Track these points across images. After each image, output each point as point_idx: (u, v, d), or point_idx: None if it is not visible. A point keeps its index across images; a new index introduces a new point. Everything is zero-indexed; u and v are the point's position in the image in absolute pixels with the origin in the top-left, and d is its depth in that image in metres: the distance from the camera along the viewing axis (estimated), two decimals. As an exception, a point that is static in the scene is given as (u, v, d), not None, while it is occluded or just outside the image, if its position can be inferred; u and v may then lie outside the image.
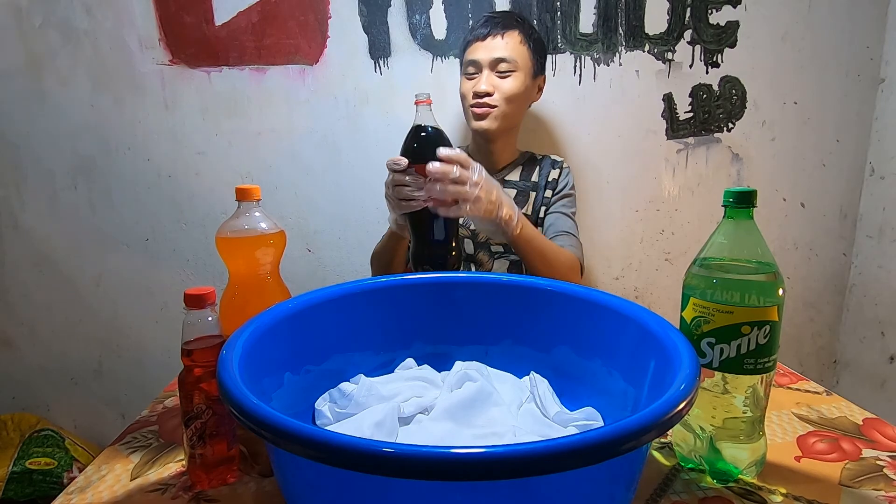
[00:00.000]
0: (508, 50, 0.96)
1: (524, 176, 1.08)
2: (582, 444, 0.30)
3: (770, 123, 1.32)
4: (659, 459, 0.54)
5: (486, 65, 0.97)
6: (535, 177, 1.07)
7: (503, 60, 0.96)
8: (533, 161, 1.10)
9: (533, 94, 1.05)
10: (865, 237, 1.39)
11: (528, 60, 0.99)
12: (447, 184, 0.71)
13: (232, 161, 1.28)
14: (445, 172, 0.70)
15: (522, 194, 1.06)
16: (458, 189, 0.71)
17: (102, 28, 1.20)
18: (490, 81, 0.97)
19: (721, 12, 1.25)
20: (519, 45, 0.97)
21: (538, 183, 1.06)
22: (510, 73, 0.97)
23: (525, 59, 0.98)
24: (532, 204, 1.06)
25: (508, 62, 0.96)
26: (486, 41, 0.97)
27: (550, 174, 1.07)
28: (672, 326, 0.47)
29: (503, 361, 0.61)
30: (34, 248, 1.30)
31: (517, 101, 1.00)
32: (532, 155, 1.11)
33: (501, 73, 0.97)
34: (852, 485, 0.49)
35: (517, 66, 0.97)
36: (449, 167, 0.71)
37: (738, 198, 0.47)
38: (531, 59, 0.99)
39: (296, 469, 0.37)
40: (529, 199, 1.06)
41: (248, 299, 0.57)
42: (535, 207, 1.06)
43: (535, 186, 1.06)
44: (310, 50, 1.23)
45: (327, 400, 0.54)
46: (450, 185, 0.71)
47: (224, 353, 0.42)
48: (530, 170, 1.08)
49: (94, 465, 0.54)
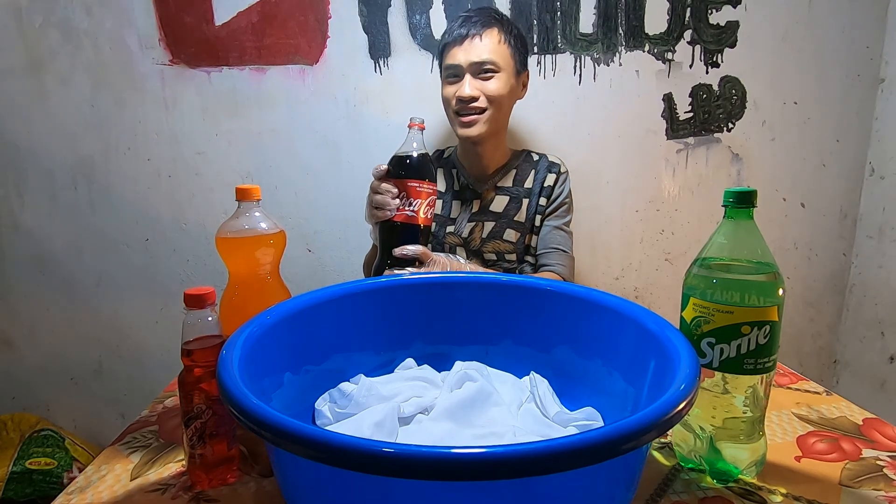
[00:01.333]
0: (489, 52, 0.93)
1: (518, 181, 1.04)
2: (582, 444, 0.30)
3: (770, 123, 1.32)
4: (659, 459, 0.54)
5: (467, 69, 0.93)
6: (530, 182, 1.04)
7: (485, 63, 0.93)
8: (528, 162, 1.06)
9: (518, 92, 1.01)
10: (865, 237, 1.39)
11: (510, 59, 0.95)
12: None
13: (232, 161, 1.28)
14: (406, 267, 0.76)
15: (515, 201, 1.03)
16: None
17: (102, 28, 1.20)
18: (473, 85, 0.93)
19: (721, 12, 1.25)
20: (499, 45, 0.94)
21: (532, 189, 1.03)
22: (493, 75, 0.94)
23: (506, 58, 0.95)
24: (525, 211, 1.03)
25: (490, 64, 0.93)
26: (464, 44, 0.93)
27: (546, 179, 1.03)
28: (672, 326, 0.47)
29: (503, 361, 0.61)
30: (34, 248, 1.30)
31: (503, 103, 0.97)
32: (528, 154, 1.07)
33: (484, 76, 0.94)
34: (852, 485, 0.49)
35: (499, 67, 0.94)
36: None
37: (738, 198, 0.47)
38: (512, 56, 0.96)
39: (296, 469, 0.37)
40: (522, 206, 1.03)
41: (248, 299, 0.57)
42: (529, 215, 1.03)
43: (529, 193, 1.03)
44: (310, 50, 1.23)
45: (327, 400, 0.54)
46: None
47: (224, 353, 0.42)
48: (524, 173, 1.05)
49: (94, 465, 0.54)
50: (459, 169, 1.06)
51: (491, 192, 1.04)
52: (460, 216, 1.04)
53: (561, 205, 1.04)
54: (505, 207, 1.03)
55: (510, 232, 1.02)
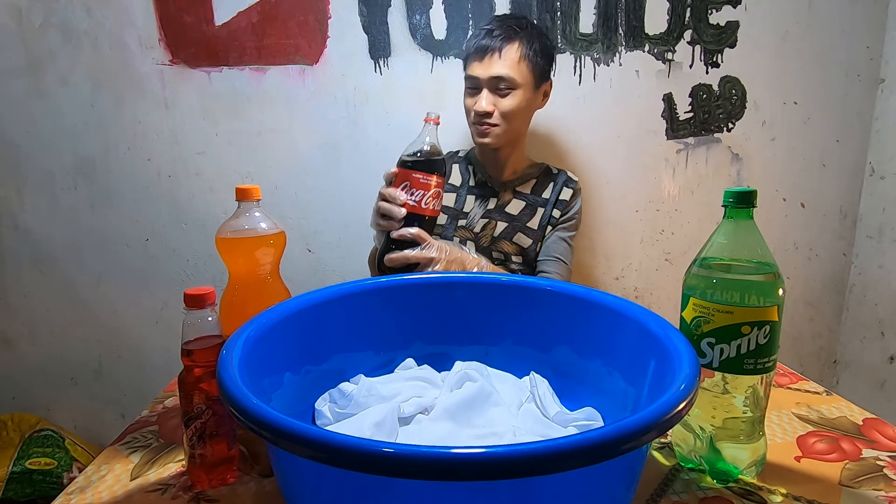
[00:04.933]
0: (506, 68, 0.94)
1: (536, 190, 1.07)
2: (582, 444, 0.30)
3: (770, 123, 1.32)
4: (659, 459, 0.54)
5: (485, 83, 0.95)
6: (548, 192, 1.07)
7: (501, 79, 0.94)
8: (548, 175, 1.09)
9: (537, 103, 1.03)
10: (865, 237, 1.39)
11: (528, 74, 0.96)
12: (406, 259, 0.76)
13: (232, 161, 1.28)
14: (400, 259, 0.76)
15: (531, 208, 1.06)
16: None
17: (102, 28, 1.20)
18: (489, 101, 0.96)
19: (721, 12, 1.25)
20: (517, 63, 0.94)
21: (548, 199, 1.07)
22: (509, 91, 0.95)
23: (524, 75, 0.96)
24: (539, 219, 1.06)
25: (507, 80, 0.94)
26: (483, 59, 0.95)
27: (563, 193, 1.07)
28: (672, 326, 0.47)
29: (503, 361, 0.61)
30: (34, 248, 1.30)
31: (518, 118, 0.99)
32: (548, 168, 1.10)
33: (501, 91, 0.95)
34: (852, 485, 0.49)
35: (516, 84, 0.95)
36: (402, 255, 0.76)
37: (738, 198, 0.47)
38: (532, 71, 0.97)
39: (296, 469, 0.37)
40: (537, 213, 1.06)
41: (248, 299, 0.57)
42: (542, 223, 1.06)
43: (545, 203, 1.06)
44: (310, 50, 1.23)
45: (327, 400, 0.54)
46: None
47: (224, 353, 0.42)
48: (544, 184, 1.08)
49: (94, 465, 0.54)
50: (476, 166, 1.09)
51: (509, 193, 1.07)
52: (473, 210, 1.06)
53: (571, 218, 1.07)
54: (520, 212, 1.06)
55: (520, 236, 1.05)
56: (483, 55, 0.95)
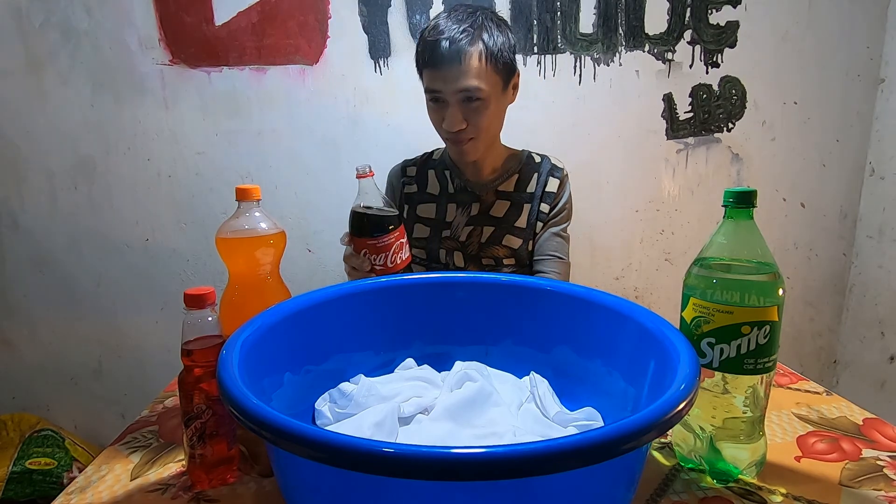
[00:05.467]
0: (472, 79, 0.82)
1: (520, 186, 0.99)
2: (582, 444, 0.30)
3: (770, 123, 1.32)
4: (659, 459, 0.54)
5: (450, 97, 0.84)
6: (532, 185, 0.99)
7: (468, 90, 0.83)
8: (531, 165, 1.01)
9: (508, 100, 0.93)
10: (865, 237, 1.39)
11: (495, 77, 0.85)
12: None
13: (232, 161, 1.28)
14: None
15: (516, 206, 0.99)
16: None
17: (102, 28, 1.20)
18: (458, 118, 0.85)
19: (721, 12, 1.25)
20: (483, 68, 0.83)
21: (534, 194, 0.99)
22: (479, 102, 0.85)
23: (492, 80, 0.85)
24: (527, 217, 0.99)
25: (475, 91, 0.83)
26: (442, 70, 0.83)
27: (549, 184, 0.99)
28: (672, 326, 0.47)
29: (503, 361, 0.61)
30: (34, 248, 1.30)
31: (494, 123, 0.91)
32: (529, 156, 1.02)
33: (470, 104, 0.85)
34: (852, 485, 0.49)
35: (485, 94, 0.84)
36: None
37: (738, 198, 0.47)
38: (498, 74, 0.86)
39: (296, 469, 0.37)
40: (524, 211, 0.99)
41: (248, 299, 0.57)
42: (530, 221, 0.99)
43: (531, 198, 0.99)
44: (310, 50, 1.23)
45: (327, 400, 0.54)
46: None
47: (224, 353, 0.42)
48: (527, 177, 1.00)
49: (94, 465, 0.54)
50: (453, 170, 1.02)
51: (492, 195, 1.00)
52: (456, 219, 1.01)
53: (561, 211, 1.01)
54: (506, 213, 1.00)
55: (509, 237, 1.00)
56: (441, 65, 0.83)
